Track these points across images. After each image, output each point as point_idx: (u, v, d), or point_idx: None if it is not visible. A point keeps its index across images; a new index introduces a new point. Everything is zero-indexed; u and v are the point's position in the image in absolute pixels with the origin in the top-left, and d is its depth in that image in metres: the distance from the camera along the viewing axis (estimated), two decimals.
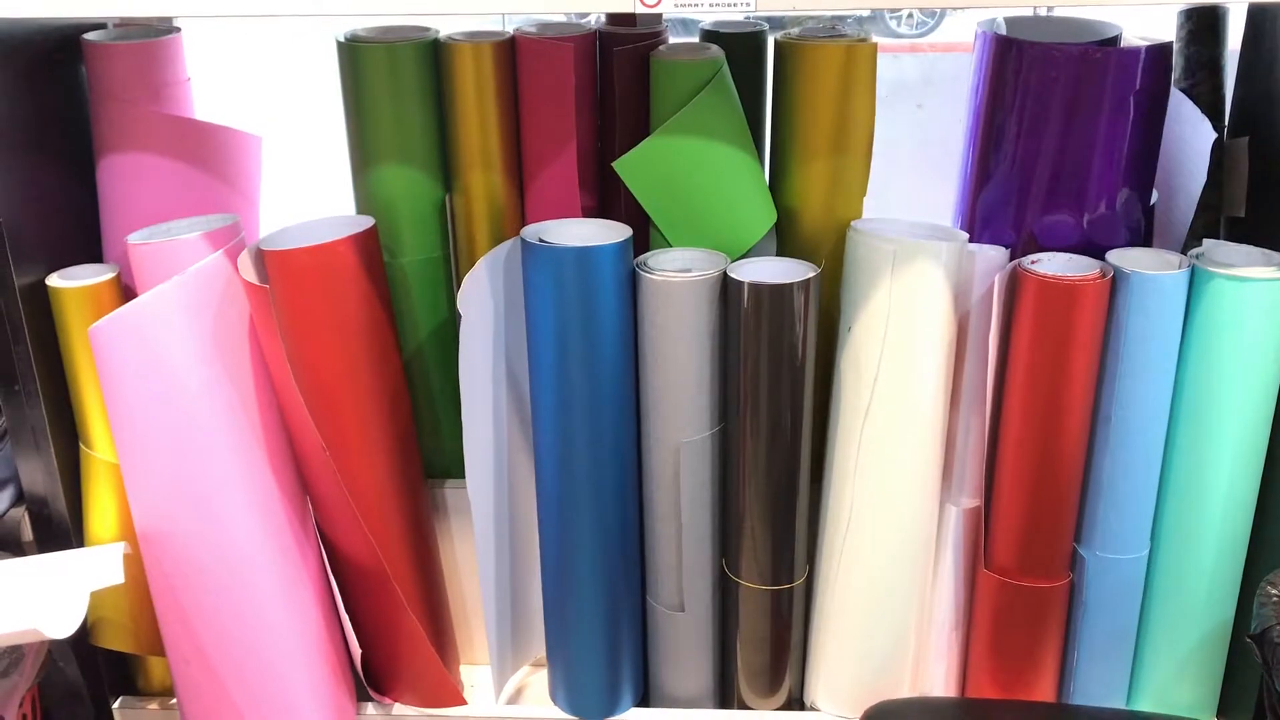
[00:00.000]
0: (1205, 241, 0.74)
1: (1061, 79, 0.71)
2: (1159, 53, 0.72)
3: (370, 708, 0.82)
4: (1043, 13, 0.82)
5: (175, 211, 0.76)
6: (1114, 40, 0.75)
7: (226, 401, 0.71)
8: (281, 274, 0.71)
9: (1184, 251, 0.73)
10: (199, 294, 0.70)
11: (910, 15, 6.60)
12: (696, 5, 0.61)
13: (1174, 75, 0.82)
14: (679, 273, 0.72)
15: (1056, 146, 0.73)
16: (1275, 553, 0.75)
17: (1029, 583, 0.77)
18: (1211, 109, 0.81)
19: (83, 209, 0.78)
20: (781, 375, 0.72)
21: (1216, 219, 0.81)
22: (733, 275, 0.71)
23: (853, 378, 0.74)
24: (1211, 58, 0.80)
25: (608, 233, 0.73)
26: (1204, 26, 0.80)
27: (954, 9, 0.80)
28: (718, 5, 0.61)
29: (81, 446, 0.76)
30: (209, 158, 0.80)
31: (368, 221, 0.74)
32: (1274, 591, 0.69)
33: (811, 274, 0.71)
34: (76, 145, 0.77)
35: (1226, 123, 0.81)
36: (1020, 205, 0.75)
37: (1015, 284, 0.72)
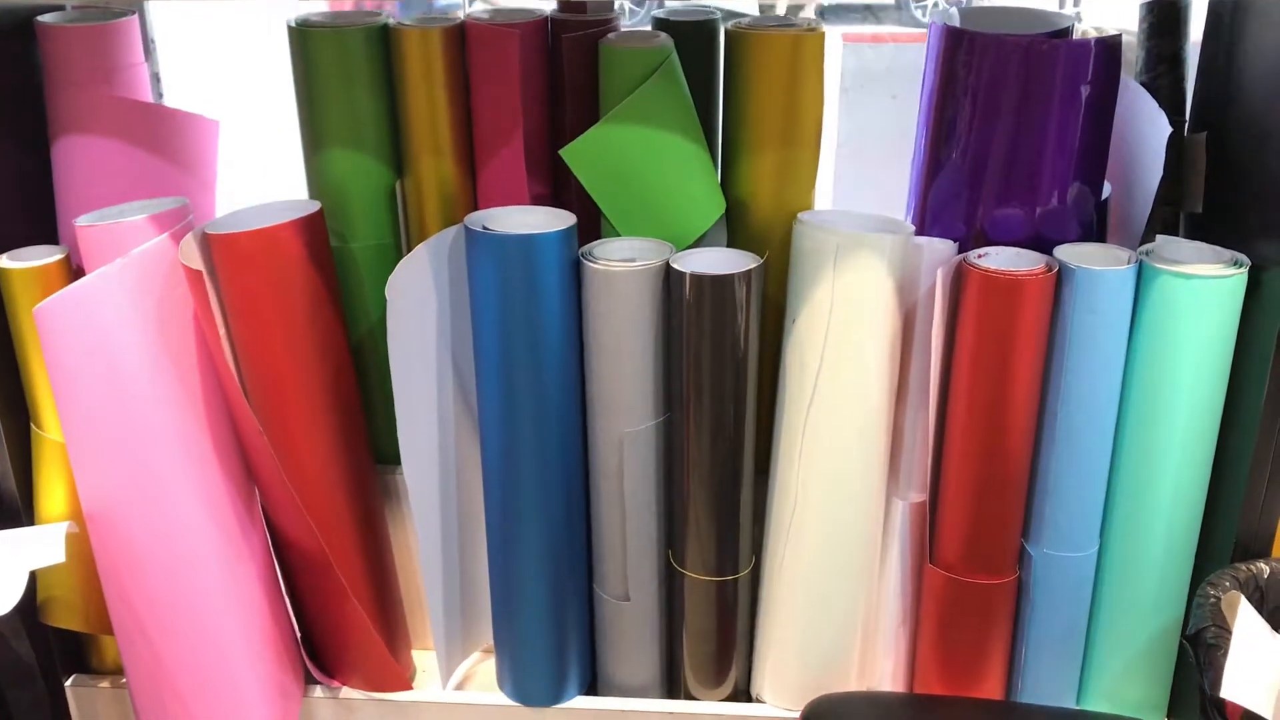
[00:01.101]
0: (1158, 237, 0.73)
1: (1010, 70, 0.71)
2: (1109, 45, 0.71)
3: (317, 690, 0.82)
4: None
5: (130, 195, 0.77)
6: (1066, 32, 0.74)
7: (170, 384, 0.71)
8: (225, 258, 0.71)
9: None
10: (143, 276, 0.70)
11: (936, 4, 6.54)
12: None
13: (1135, 69, 0.81)
14: (622, 262, 0.72)
15: (1005, 139, 0.72)
16: (1223, 552, 0.74)
17: (975, 579, 0.77)
18: (1172, 103, 0.80)
19: (38, 192, 0.78)
20: (724, 366, 0.71)
21: (1177, 215, 0.80)
22: (675, 265, 0.71)
23: (797, 370, 0.74)
24: (1173, 51, 0.79)
25: (554, 221, 0.73)
26: (1166, 19, 0.79)
27: None
28: None
29: (32, 427, 0.77)
30: (165, 141, 0.80)
31: (314, 206, 0.74)
32: (1213, 593, 0.68)
33: (754, 265, 0.70)
34: (31, 128, 0.77)
35: (1188, 117, 0.80)
36: (970, 199, 0.75)
37: (960, 278, 0.72)
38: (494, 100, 0.75)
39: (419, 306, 0.74)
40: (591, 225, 0.77)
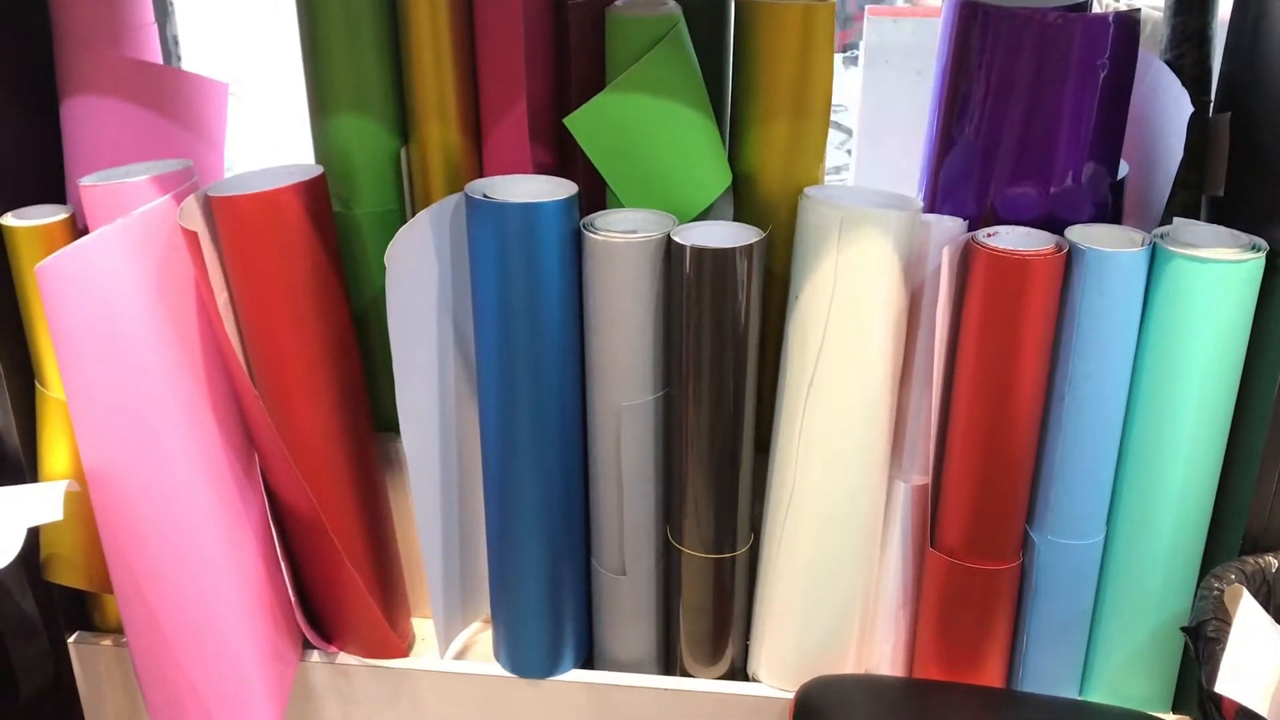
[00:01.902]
0: (1175, 220, 0.71)
1: (1024, 45, 0.69)
2: (1127, 20, 0.69)
3: (314, 655, 0.82)
4: None
5: (137, 156, 0.77)
6: (1083, 6, 0.72)
7: (171, 345, 0.71)
8: (226, 220, 0.71)
9: None
10: (144, 237, 0.70)
11: None
12: None
13: (1160, 46, 0.79)
14: (624, 234, 0.71)
15: (1019, 116, 0.71)
16: (1232, 545, 0.72)
17: (977, 564, 0.75)
18: (1197, 82, 0.77)
19: (48, 152, 0.79)
20: (724, 342, 0.70)
21: (1198, 198, 0.78)
22: (676, 238, 0.70)
23: (798, 347, 0.73)
24: (1199, 28, 0.77)
25: (556, 190, 0.72)
26: None
27: None
28: None
29: (36, 385, 0.77)
30: (173, 103, 0.80)
31: (317, 170, 0.74)
32: (1217, 585, 0.66)
33: (755, 239, 0.69)
34: (41, 87, 0.78)
35: (1213, 97, 0.78)
36: (982, 176, 0.73)
37: (967, 257, 0.70)
38: (499, 66, 0.74)
39: (419, 274, 0.73)
40: (597, 196, 0.77)
